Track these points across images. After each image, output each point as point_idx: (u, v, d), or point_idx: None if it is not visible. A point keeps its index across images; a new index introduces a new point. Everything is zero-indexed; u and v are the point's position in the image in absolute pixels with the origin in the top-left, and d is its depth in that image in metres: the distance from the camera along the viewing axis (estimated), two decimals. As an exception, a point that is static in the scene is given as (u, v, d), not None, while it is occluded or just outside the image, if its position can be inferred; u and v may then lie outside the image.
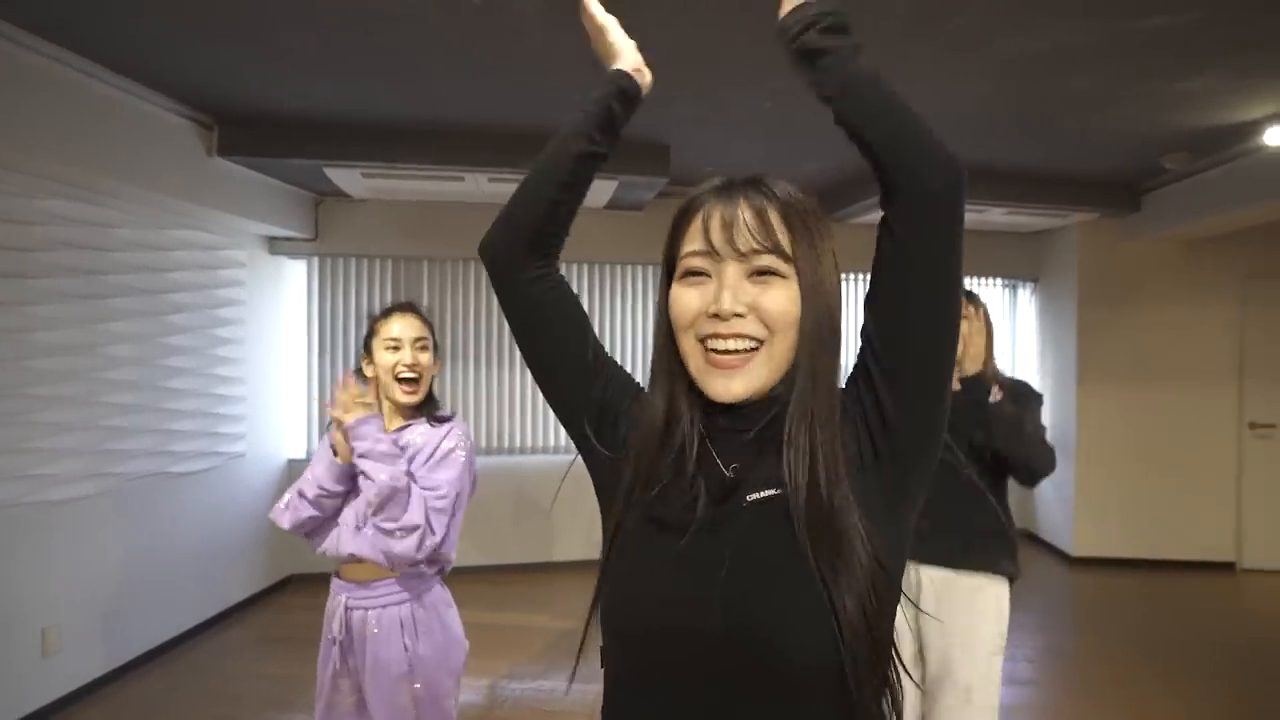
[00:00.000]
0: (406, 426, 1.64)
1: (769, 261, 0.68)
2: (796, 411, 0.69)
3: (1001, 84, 2.69)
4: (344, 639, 1.61)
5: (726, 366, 0.69)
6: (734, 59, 2.47)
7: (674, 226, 0.74)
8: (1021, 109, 2.97)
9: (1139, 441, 4.69)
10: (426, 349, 1.66)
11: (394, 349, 1.61)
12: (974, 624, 1.81)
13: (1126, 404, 4.69)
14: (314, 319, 4.40)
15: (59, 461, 2.73)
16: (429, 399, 1.69)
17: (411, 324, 1.65)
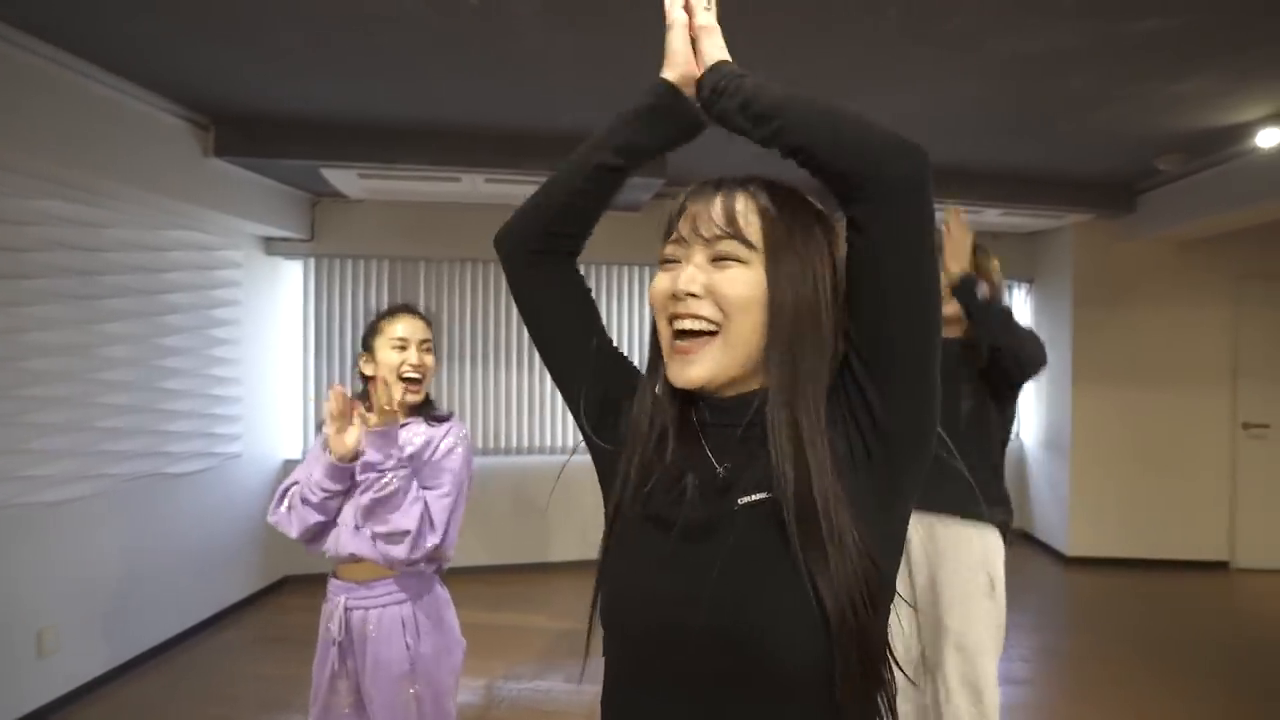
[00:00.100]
0: (403, 425, 1.65)
1: (728, 247, 0.71)
2: (774, 407, 0.69)
3: (997, 85, 2.70)
4: (343, 639, 1.61)
5: (684, 352, 0.71)
6: (732, 59, 2.48)
7: (666, 225, 0.77)
8: (1017, 110, 2.98)
9: (1134, 441, 4.70)
10: (430, 350, 1.69)
11: (400, 348, 1.63)
12: (960, 570, 1.81)
13: (1121, 404, 4.71)
14: (310, 319, 4.40)
15: (54, 462, 2.73)
16: (426, 398, 1.72)
17: (417, 325, 1.67)
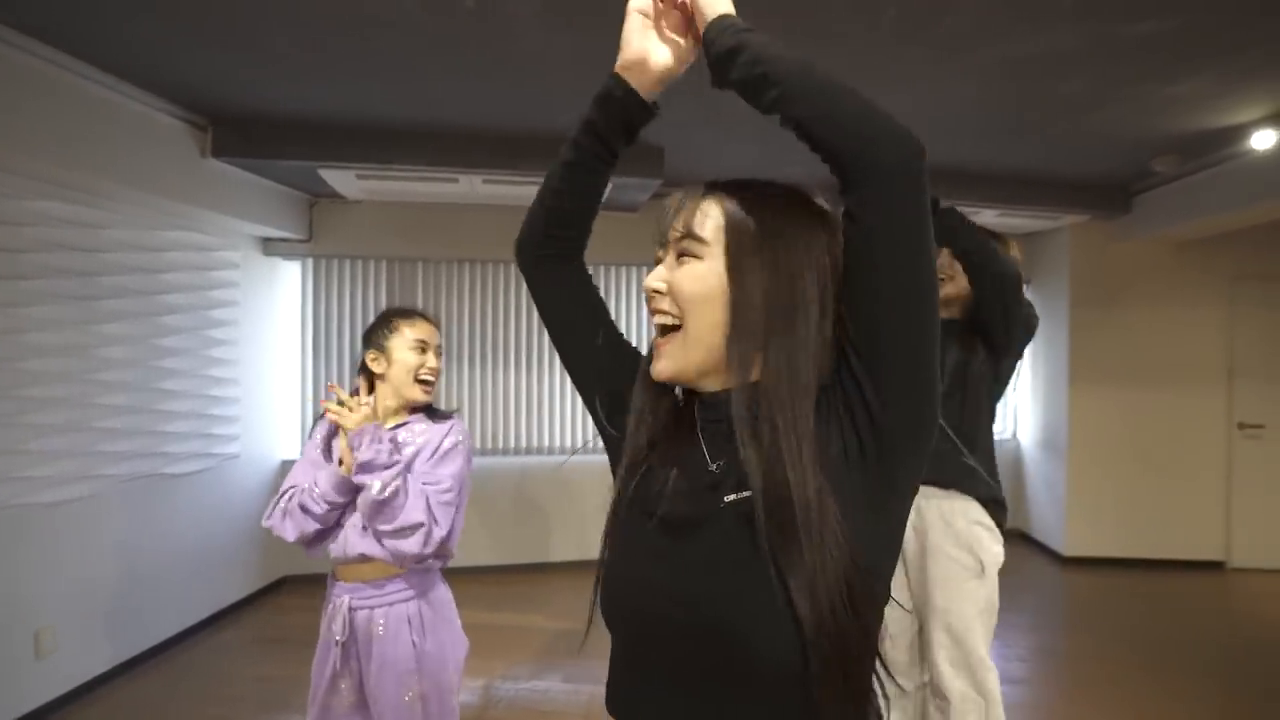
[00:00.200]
0: (404, 424, 1.69)
1: (684, 244, 0.74)
2: (737, 404, 0.70)
3: (993, 87, 2.71)
4: (346, 640, 1.62)
5: (659, 347, 0.76)
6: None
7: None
8: (1013, 112, 2.99)
9: (1130, 441, 4.72)
10: (442, 355, 1.75)
11: (420, 350, 1.67)
12: (944, 546, 1.82)
13: (1118, 404, 4.73)
14: (308, 320, 4.40)
15: (53, 463, 2.73)
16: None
17: (433, 330, 1.73)
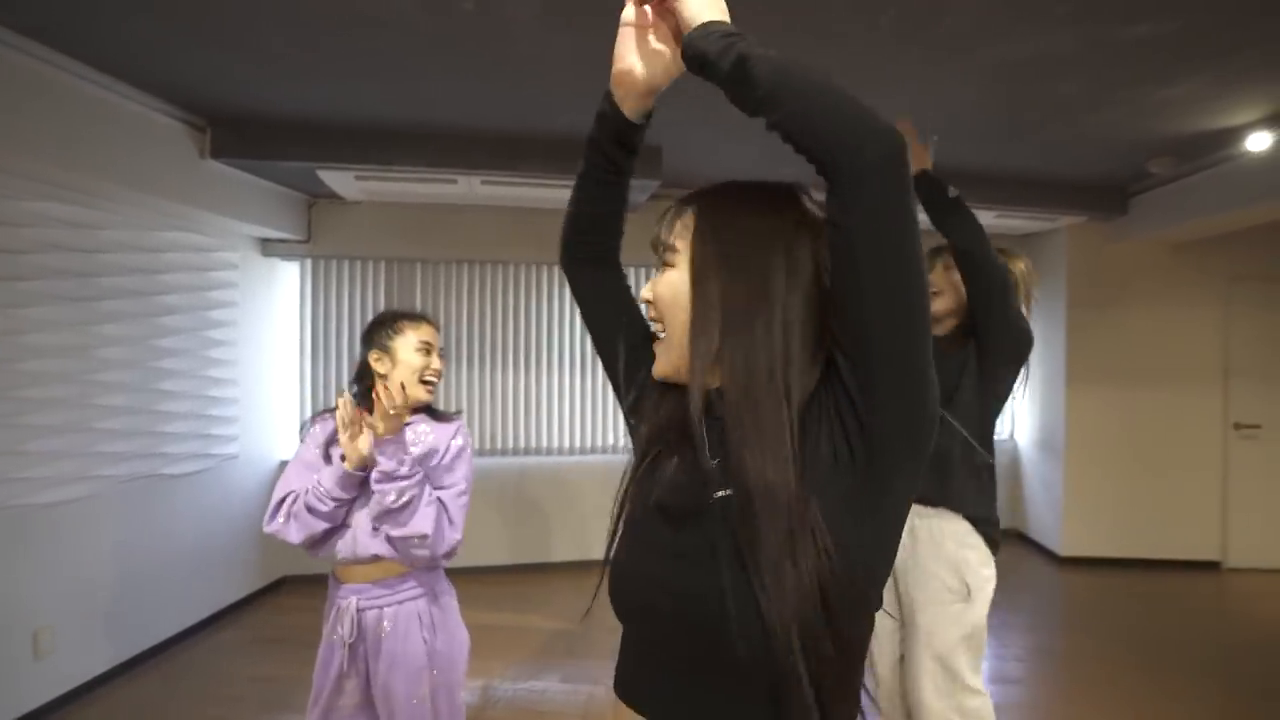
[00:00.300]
0: (408, 424, 1.70)
1: (664, 254, 0.78)
2: (693, 405, 0.71)
3: (991, 88, 2.72)
4: (354, 640, 1.62)
5: (655, 350, 0.81)
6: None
7: None
8: (1011, 114, 3.00)
9: (1127, 442, 4.74)
10: (443, 356, 1.78)
11: (425, 352, 1.70)
12: (930, 566, 1.77)
13: (1115, 404, 4.74)
14: (307, 321, 4.40)
15: (51, 464, 2.73)
16: None
17: (435, 332, 1.76)
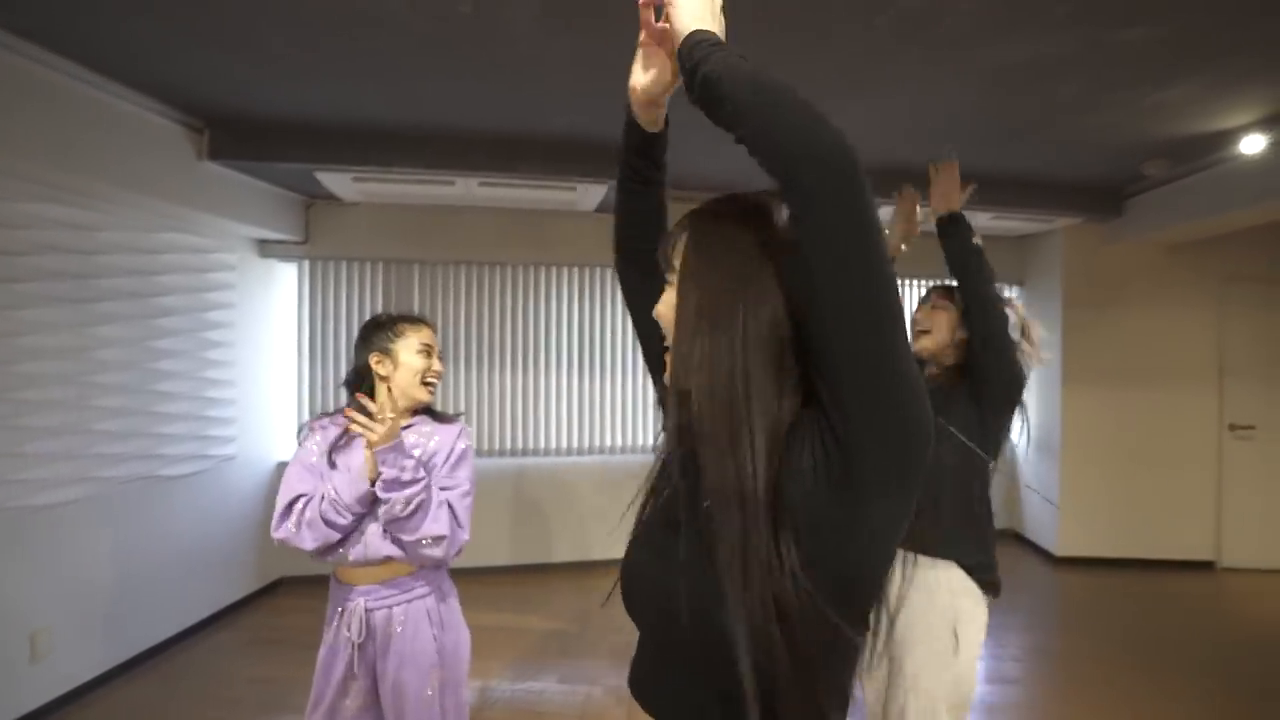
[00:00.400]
0: (409, 425, 1.72)
1: (667, 274, 0.79)
2: (670, 411, 0.73)
3: (988, 90, 2.73)
4: (362, 640, 1.63)
5: None
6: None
7: None
8: (1008, 116, 3.02)
9: (1123, 442, 4.76)
10: (441, 358, 1.81)
11: (426, 354, 1.73)
12: (921, 614, 1.72)
13: (1111, 405, 4.76)
14: (304, 322, 4.40)
15: (49, 465, 2.73)
16: None
17: (433, 335, 1.78)
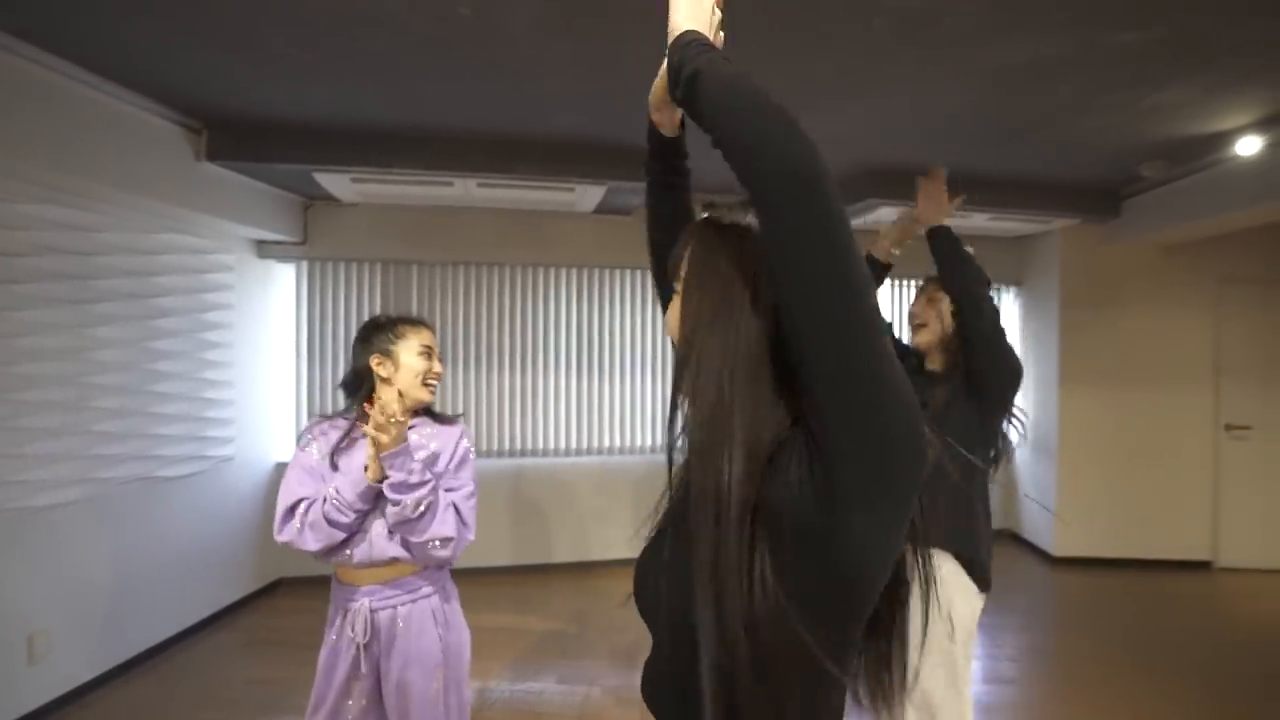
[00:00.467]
0: (410, 427, 1.73)
1: (674, 284, 0.82)
2: (673, 420, 0.74)
3: (986, 91, 2.74)
4: (366, 641, 1.63)
5: None
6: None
7: None
8: (1005, 117, 3.03)
9: (1119, 442, 4.77)
10: (440, 359, 1.82)
11: (426, 356, 1.74)
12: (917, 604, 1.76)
13: (1108, 405, 4.78)
14: (303, 322, 4.40)
15: (47, 466, 2.72)
16: None
17: (433, 336, 1.80)
